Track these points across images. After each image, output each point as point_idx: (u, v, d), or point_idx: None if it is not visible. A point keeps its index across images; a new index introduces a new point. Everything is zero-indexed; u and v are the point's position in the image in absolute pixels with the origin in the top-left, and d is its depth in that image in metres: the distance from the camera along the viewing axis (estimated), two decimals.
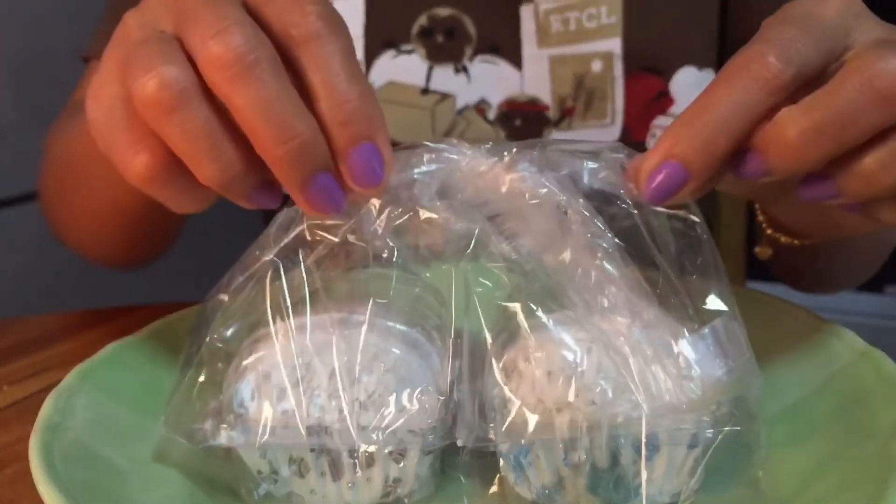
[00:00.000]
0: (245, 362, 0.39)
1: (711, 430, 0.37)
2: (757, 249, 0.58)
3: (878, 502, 0.33)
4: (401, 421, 0.38)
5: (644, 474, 0.37)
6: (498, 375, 0.38)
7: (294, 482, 0.39)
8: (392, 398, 0.38)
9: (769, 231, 0.56)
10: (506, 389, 0.38)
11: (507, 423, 0.37)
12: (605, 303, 0.37)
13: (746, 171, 0.36)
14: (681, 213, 0.38)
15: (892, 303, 1.57)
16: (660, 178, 0.36)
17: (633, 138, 0.67)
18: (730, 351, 0.37)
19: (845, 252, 0.63)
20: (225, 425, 0.38)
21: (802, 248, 0.55)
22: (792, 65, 0.35)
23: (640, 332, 0.37)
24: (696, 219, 0.38)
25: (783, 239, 0.56)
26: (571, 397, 0.37)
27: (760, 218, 0.57)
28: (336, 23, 0.36)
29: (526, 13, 0.67)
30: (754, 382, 0.38)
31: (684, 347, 0.37)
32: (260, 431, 0.38)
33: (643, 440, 0.36)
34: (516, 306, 0.39)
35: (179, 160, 0.36)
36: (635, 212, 0.38)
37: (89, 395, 0.42)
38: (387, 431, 0.38)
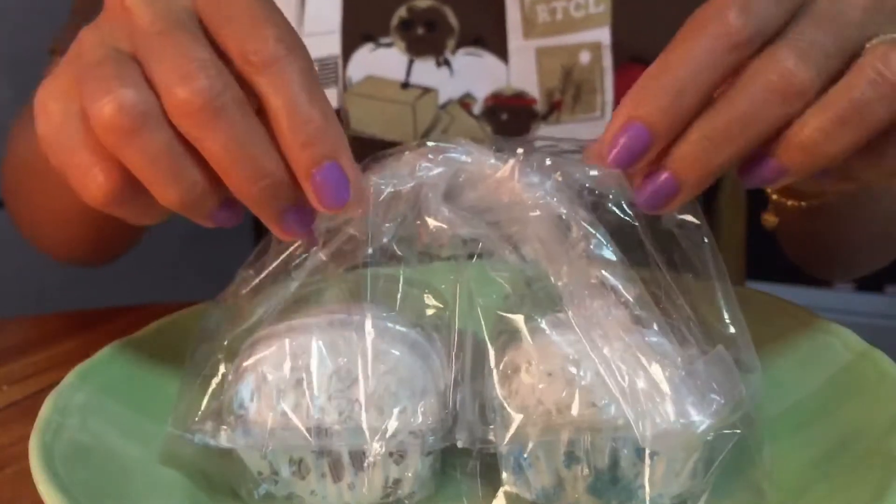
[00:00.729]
0: (245, 363, 0.39)
1: (712, 433, 0.37)
2: (764, 216, 0.57)
3: (878, 502, 0.33)
4: (401, 422, 0.38)
5: (647, 477, 0.37)
6: (498, 377, 0.38)
7: (294, 483, 0.39)
8: (392, 399, 0.38)
9: (775, 196, 0.55)
10: (506, 391, 0.38)
11: (506, 425, 0.37)
12: (602, 319, 0.37)
13: (655, 195, 0.36)
14: (686, 217, 0.38)
15: (892, 303, 1.57)
16: (623, 141, 0.35)
17: None
18: (721, 386, 0.37)
19: (857, 219, 0.60)
20: (225, 426, 0.38)
21: (810, 212, 0.53)
22: (752, 22, 0.34)
23: (641, 335, 0.37)
24: (698, 221, 0.38)
25: (790, 203, 0.54)
26: (571, 399, 0.37)
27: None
28: (295, 44, 0.36)
29: (511, 3, 0.64)
30: (755, 385, 0.38)
31: (675, 380, 0.37)
32: (260, 433, 0.38)
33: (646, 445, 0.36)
34: (519, 318, 0.39)
35: (137, 180, 0.35)
36: (637, 224, 0.38)
37: (89, 395, 0.42)
38: (387, 433, 0.38)
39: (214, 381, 0.39)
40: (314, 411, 0.38)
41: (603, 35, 0.64)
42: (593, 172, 0.38)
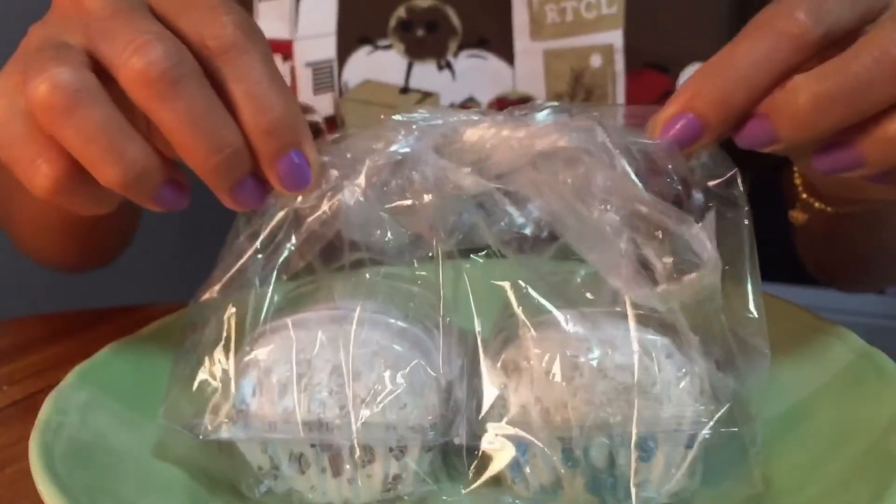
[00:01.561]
0: (246, 358, 0.39)
1: (709, 431, 0.37)
2: (791, 213, 0.56)
3: (878, 502, 0.33)
4: (401, 418, 0.38)
5: (637, 475, 0.37)
6: (497, 373, 0.38)
7: (295, 478, 0.39)
8: (392, 395, 0.38)
9: (804, 196, 0.54)
10: (505, 388, 0.38)
11: (505, 423, 0.37)
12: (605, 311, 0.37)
13: (751, 137, 0.35)
14: (731, 192, 0.37)
15: (892, 303, 1.57)
16: (675, 129, 0.36)
17: None
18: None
19: (883, 229, 0.59)
20: (226, 420, 0.38)
21: (836, 218, 0.53)
22: (822, 22, 0.34)
23: (638, 333, 0.37)
24: (743, 204, 0.37)
25: (817, 204, 0.53)
26: (570, 397, 0.37)
27: (797, 181, 0.55)
28: (253, 31, 0.36)
29: (518, 3, 0.61)
30: (754, 383, 0.38)
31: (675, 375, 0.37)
32: (261, 427, 0.38)
33: (633, 440, 0.36)
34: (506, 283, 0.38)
35: (82, 167, 0.35)
36: (679, 188, 0.37)
37: (89, 394, 0.42)
38: (387, 428, 0.38)
39: (201, 376, 0.39)
40: (315, 406, 0.38)
41: (615, 38, 0.61)
42: (639, 139, 0.37)
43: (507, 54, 0.63)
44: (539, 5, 0.62)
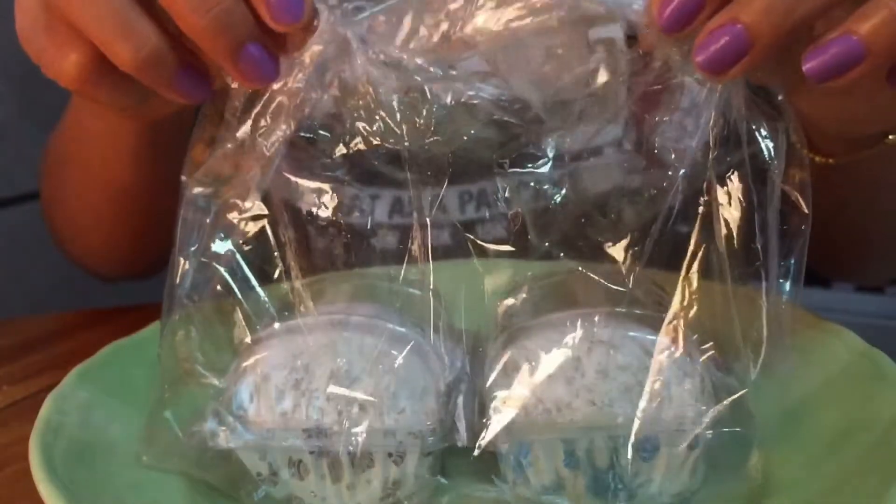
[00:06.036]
0: (244, 364, 0.39)
1: (711, 431, 0.37)
2: None
3: (878, 502, 0.33)
4: (400, 423, 0.38)
5: (639, 476, 0.37)
6: (498, 375, 0.38)
7: (293, 484, 0.39)
8: (391, 400, 0.38)
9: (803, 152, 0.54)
10: (506, 389, 0.38)
11: (506, 424, 0.37)
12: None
13: (721, 50, 0.32)
14: (798, 203, 0.37)
15: (892, 303, 1.57)
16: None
17: (640, 135, 0.64)
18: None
19: (887, 187, 0.56)
20: (224, 427, 0.38)
21: (835, 173, 0.51)
22: None
23: (640, 333, 0.37)
24: (806, 210, 0.37)
25: (817, 158, 0.51)
26: (571, 398, 0.37)
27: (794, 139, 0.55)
28: None
29: None
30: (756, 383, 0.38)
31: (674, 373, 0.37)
32: (259, 433, 0.38)
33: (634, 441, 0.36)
34: (514, 292, 0.38)
35: (104, 55, 0.36)
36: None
37: (89, 395, 0.42)
38: (386, 434, 0.38)
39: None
40: (313, 412, 0.38)
41: (615, 31, 0.59)
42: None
43: None
44: None
